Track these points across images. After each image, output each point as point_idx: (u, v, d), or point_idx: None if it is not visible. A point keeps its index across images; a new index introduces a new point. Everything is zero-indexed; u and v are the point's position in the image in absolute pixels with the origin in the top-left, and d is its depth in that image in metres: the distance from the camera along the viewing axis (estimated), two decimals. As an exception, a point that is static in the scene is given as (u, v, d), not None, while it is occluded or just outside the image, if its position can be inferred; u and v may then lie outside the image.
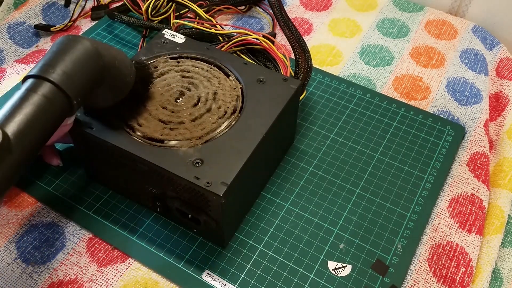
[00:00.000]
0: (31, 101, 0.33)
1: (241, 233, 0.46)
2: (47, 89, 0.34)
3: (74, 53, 0.36)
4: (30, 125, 0.32)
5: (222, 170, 0.39)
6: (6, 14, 0.65)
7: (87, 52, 0.36)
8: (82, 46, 0.36)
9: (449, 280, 0.43)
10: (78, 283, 0.43)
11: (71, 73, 0.35)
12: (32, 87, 0.34)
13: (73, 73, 0.35)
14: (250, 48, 0.57)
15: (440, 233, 0.46)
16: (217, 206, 0.39)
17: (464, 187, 0.50)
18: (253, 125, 0.42)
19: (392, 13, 0.69)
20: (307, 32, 0.66)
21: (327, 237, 0.46)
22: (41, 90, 0.33)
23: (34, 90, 0.33)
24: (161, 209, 0.45)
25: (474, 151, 0.53)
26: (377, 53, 0.63)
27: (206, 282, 0.43)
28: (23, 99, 0.33)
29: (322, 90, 0.58)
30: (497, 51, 0.64)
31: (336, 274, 0.43)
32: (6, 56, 0.62)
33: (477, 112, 0.56)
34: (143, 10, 0.61)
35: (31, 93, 0.33)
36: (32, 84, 0.34)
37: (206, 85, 0.45)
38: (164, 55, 0.49)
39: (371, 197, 0.49)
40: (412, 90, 0.59)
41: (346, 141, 0.53)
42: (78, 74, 0.35)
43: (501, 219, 0.47)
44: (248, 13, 0.69)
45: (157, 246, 0.45)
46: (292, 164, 0.51)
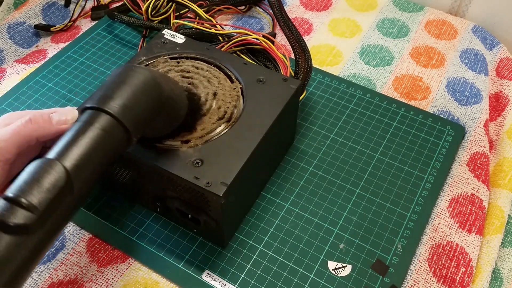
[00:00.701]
0: (89, 135, 0.31)
1: (241, 233, 0.46)
2: (105, 122, 0.31)
3: (134, 84, 0.34)
4: (89, 161, 0.30)
5: (222, 170, 0.39)
6: (6, 14, 0.65)
7: (148, 83, 0.34)
8: (143, 76, 0.34)
9: (449, 280, 0.43)
10: (78, 283, 0.43)
11: (130, 106, 0.33)
12: (89, 119, 0.32)
13: (132, 106, 0.33)
14: (250, 48, 0.57)
15: (440, 233, 0.46)
16: (217, 206, 0.39)
17: (464, 187, 0.50)
18: (253, 125, 0.42)
19: (392, 13, 0.69)
20: (307, 32, 0.66)
21: (327, 237, 0.46)
22: (99, 123, 0.31)
23: (91, 122, 0.31)
24: (161, 209, 0.46)
25: (474, 151, 0.53)
26: (377, 53, 0.63)
27: (206, 282, 0.43)
28: (80, 132, 0.31)
29: (322, 90, 0.58)
30: (497, 51, 0.64)
31: (336, 274, 0.43)
32: (6, 56, 0.62)
33: (477, 112, 0.56)
34: (143, 10, 0.61)
35: (89, 126, 0.31)
36: (89, 116, 0.32)
37: (206, 85, 0.45)
38: (164, 55, 0.49)
39: (371, 197, 0.49)
40: (412, 90, 0.59)
41: (346, 141, 0.53)
42: (137, 106, 0.33)
43: (501, 219, 0.47)
44: (248, 13, 0.69)
45: (157, 246, 0.45)
46: (292, 164, 0.51)
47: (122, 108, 0.32)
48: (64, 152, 0.30)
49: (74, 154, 0.30)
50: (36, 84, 0.58)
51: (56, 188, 0.28)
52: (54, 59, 0.61)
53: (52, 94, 0.57)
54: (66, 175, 0.29)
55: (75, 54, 0.62)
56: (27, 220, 0.27)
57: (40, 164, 0.29)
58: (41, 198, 0.27)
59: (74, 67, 0.60)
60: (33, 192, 0.27)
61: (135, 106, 0.33)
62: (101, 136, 0.31)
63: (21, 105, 0.56)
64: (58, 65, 0.60)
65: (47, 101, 0.56)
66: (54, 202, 0.28)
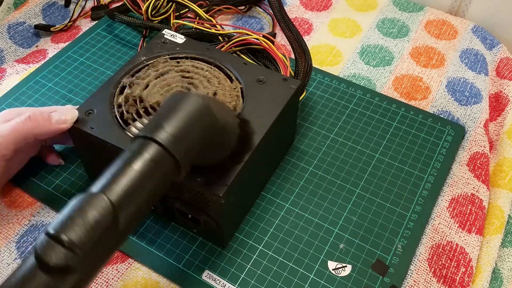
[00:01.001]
0: (137, 166, 0.29)
1: (241, 233, 0.46)
2: (155, 152, 0.30)
3: (187, 112, 0.32)
4: (136, 194, 0.29)
5: (222, 171, 0.39)
6: (6, 14, 0.65)
7: (201, 111, 0.32)
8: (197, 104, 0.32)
9: (449, 280, 0.43)
10: (78, 283, 0.43)
11: (181, 135, 0.31)
12: (139, 149, 0.30)
13: (184, 135, 0.31)
14: (250, 48, 0.57)
15: (440, 233, 0.46)
16: (217, 206, 0.39)
17: (464, 187, 0.50)
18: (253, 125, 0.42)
19: (392, 13, 0.69)
20: (307, 32, 0.66)
21: (327, 237, 0.46)
22: (148, 153, 0.29)
23: (141, 152, 0.30)
24: (161, 209, 0.46)
25: (474, 151, 0.53)
26: (377, 53, 0.63)
27: (206, 282, 0.43)
28: (128, 162, 0.29)
29: (322, 90, 0.58)
30: (497, 51, 0.64)
31: (336, 274, 0.43)
32: (6, 56, 0.62)
33: (477, 112, 0.56)
34: (143, 10, 0.61)
35: (137, 156, 0.29)
36: (139, 146, 0.30)
37: (206, 85, 0.45)
38: (164, 55, 0.48)
39: (371, 197, 0.49)
40: (412, 90, 0.59)
41: (346, 141, 0.53)
42: (189, 136, 0.31)
43: (501, 219, 0.47)
44: (248, 13, 0.69)
45: (157, 246, 0.45)
46: (292, 164, 0.51)
47: (173, 138, 0.30)
48: (110, 185, 0.28)
49: (120, 187, 0.28)
50: (36, 84, 0.58)
51: (101, 226, 0.27)
52: (54, 59, 0.61)
53: (52, 94, 0.57)
54: (112, 211, 0.27)
55: (75, 54, 0.62)
56: (68, 261, 0.25)
57: (85, 198, 0.28)
58: (85, 237, 0.26)
59: (74, 67, 0.60)
60: (76, 230, 0.26)
61: (187, 136, 0.31)
62: (149, 167, 0.29)
63: (21, 105, 0.56)
64: (58, 65, 0.60)
65: (47, 101, 0.56)
66: (98, 242, 0.26)
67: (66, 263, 0.25)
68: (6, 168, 0.44)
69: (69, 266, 0.25)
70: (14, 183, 0.49)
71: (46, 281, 0.25)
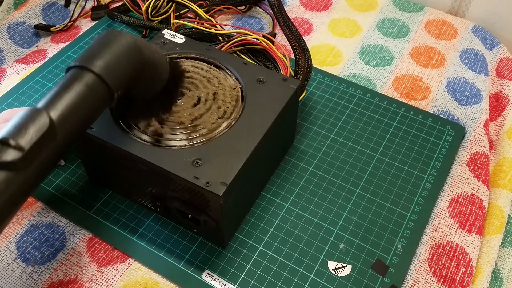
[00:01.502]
0: (74, 90, 0.34)
1: (241, 233, 0.46)
2: (90, 79, 0.34)
3: (117, 47, 0.37)
4: (73, 113, 0.33)
5: (221, 170, 0.39)
6: (6, 14, 0.65)
7: (129, 46, 0.37)
8: (125, 40, 0.37)
9: (449, 280, 0.43)
10: (78, 283, 0.43)
11: (113, 65, 0.36)
12: (75, 76, 0.34)
13: (115, 66, 0.36)
14: (250, 48, 0.57)
15: (440, 233, 0.46)
16: (217, 206, 0.39)
17: (464, 187, 0.50)
18: (253, 125, 0.42)
19: (392, 13, 0.69)
20: (307, 32, 0.66)
21: (327, 237, 0.46)
22: (84, 80, 0.34)
23: (77, 79, 0.34)
24: (161, 209, 0.46)
25: (474, 151, 0.53)
26: (377, 53, 0.63)
27: (206, 282, 0.43)
28: (66, 87, 0.34)
29: (322, 90, 0.58)
30: (497, 51, 0.64)
31: (336, 274, 0.43)
32: (6, 56, 0.62)
33: (477, 112, 0.56)
34: (143, 10, 0.61)
35: (74, 82, 0.34)
36: (75, 74, 0.35)
37: (206, 85, 0.45)
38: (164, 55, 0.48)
39: (371, 197, 0.49)
40: (412, 90, 0.59)
41: (346, 141, 0.53)
42: (120, 66, 0.36)
43: (501, 219, 0.47)
44: (248, 13, 0.69)
45: (157, 246, 0.45)
46: (292, 164, 0.51)
47: (104, 67, 0.35)
48: (50, 103, 0.33)
49: (59, 105, 0.33)
50: (36, 84, 0.58)
51: (40, 132, 0.31)
52: (54, 59, 0.61)
53: (52, 94, 0.57)
54: (49, 122, 0.32)
55: (75, 54, 0.62)
56: (14, 157, 0.30)
57: (28, 112, 0.32)
58: (27, 140, 0.31)
59: (74, 67, 0.60)
60: (20, 135, 0.31)
61: (117, 65, 0.36)
62: (84, 91, 0.34)
63: (21, 105, 0.56)
64: (58, 65, 0.60)
65: (47, 101, 0.56)
66: (38, 144, 0.31)
67: (13, 159, 0.30)
68: None
69: (15, 162, 0.30)
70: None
71: None
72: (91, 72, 0.35)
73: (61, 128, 0.33)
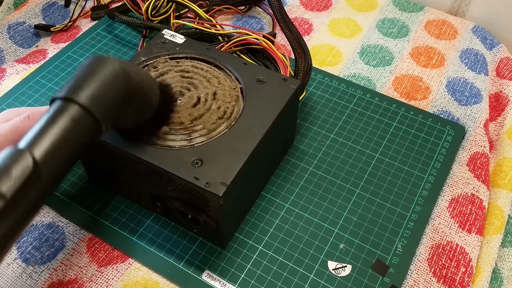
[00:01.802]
0: (59, 125, 0.31)
1: (241, 233, 0.46)
2: (75, 112, 0.32)
3: (103, 75, 0.34)
4: (58, 151, 0.31)
5: (221, 170, 0.39)
6: (6, 14, 0.65)
7: (116, 73, 0.35)
8: (112, 67, 0.35)
9: (449, 280, 0.43)
10: (78, 283, 0.43)
11: (99, 95, 0.33)
12: (59, 109, 0.32)
13: (102, 95, 0.33)
14: (250, 48, 0.57)
15: (440, 233, 0.46)
16: (216, 206, 0.39)
17: (464, 187, 0.50)
18: (253, 125, 0.42)
19: (392, 13, 0.69)
20: (307, 32, 0.66)
21: (327, 237, 0.46)
22: (69, 113, 0.32)
23: (61, 112, 0.32)
24: (161, 209, 0.46)
25: (474, 151, 0.53)
26: (377, 53, 0.63)
27: (206, 282, 0.43)
28: (50, 122, 0.32)
29: (322, 90, 0.58)
30: (497, 51, 0.64)
31: (336, 274, 0.43)
32: (6, 56, 0.62)
33: (477, 112, 0.56)
34: (143, 10, 0.61)
35: (58, 115, 0.32)
36: (59, 107, 0.32)
37: (206, 85, 0.45)
38: (163, 55, 0.49)
39: (371, 197, 0.49)
40: (412, 90, 0.59)
41: (346, 141, 0.53)
42: (107, 96, 0.34)
43: (501, 219, 0.47)
44: (248, 13, 0.69)
45: (157, 246, 0.45)
46: (292, 164, 0.51)
47: (91, 97, 0.33)
48: (33, 141, 0.31)
49: (43, 143, 0.31)
50: (36, 84, 0.58)
51: (23, 176, 0.29)
52: (54, 59, 0.61)
53: (52, 94, 0.57)
54: (33, 164, 0.29)
55: (75, 54, 0.62)
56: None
57: (9, 153, 0.30)
58: (9, 186, 0.28)
59: (74, 67, 0.60)
60: (1, 181, 0.28)
61: (104, 95, 0.34)
62: (70, 126, 0.32)
63: (21, 105, 0.56)
64: (58, 65, 0.60)
65: (47, 101, 0.56)
66: (21, 190, 0.29)
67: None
68: None
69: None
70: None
71: None
72: (77, 103, 0.32)
73: (46, 168, 0.30)
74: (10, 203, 0.28)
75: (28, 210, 0.30)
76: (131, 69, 0.36)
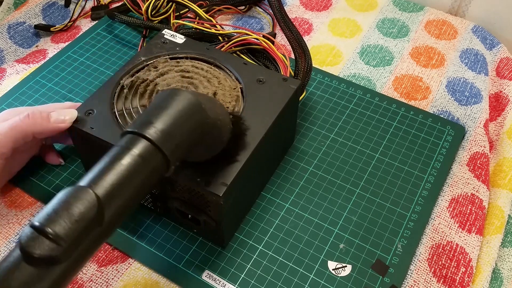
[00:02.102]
0: (125, 161, 0.29)
1: (241, 233, 0.46)
2: (144, 148, 0.30)
3: (177, 109, 0.32)
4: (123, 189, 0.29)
5: (222, 170, 0.39)
6: (6, 14, 0.65)
7: (193, 108, 0.33)
8: (188, 101, 0.33)
9: (449, 280, 0.43)
10: (78, 283, 0.43)
11: (171, 131, 0.31)
12: (127, 144, 0.30)
13: (173, 132, 0.31)
14: (250, 48, 0.57)
15: (440, 233, 0.46)
16: (217, 207, 0.39)
17: (464, 187, 0.50)
18: (253, 125, 0.42)
19: (392, 13, 0.69)
20: (307, 32, 0.66)
21: (327, 237, 0.46)
22: (137, 149, 0.30)
23: (129, 148, 0.30)
24: (161, 209, 0.46)
25: (474, 151, 0.53)
26: (377, 53, 0.63)
27: (206, 282, 0.43)
28: (116, 158, 0.29)
29: (322, 90, 0.58)
30: (497, 51, 0.64)
31: (336, 274, 0.43)
32: (6, 56, 0.62)
33: (477, 112, 0.56)
34: (143, 10, 0.61)
35: (125, 151, 0.29)
36: (128, 141, 0.30)
37: (206, 85, 0.45)
38: (164, 55, 0.49)
39: (371, 197, 0.49)
40: (412, 90, 0.59)
41: (346, 141, 0.53)
42: (179, 133, 0.31)
43: (501, 219, 0.47)
44: (248, 13, 0.69)
45: (157, 246, 0.45)
46: (292, 164, 0.51)
47: (162, 134, 0.30)
48: (97, 179, 0.28)
49: (107, 181, 0.28)
50: (36, 84, 0.58)
51: (85, 219, 0.26)
52: (54, 59, 0.61)
53: (52, 94, 0.57)
54: (97, 205, 0.27)
55: (75, 54, 0.62)
56: (52, 252, 0.25)
57: (71, 192, 0.27)
58: (69, 230, 0.26)
59: (74, 67, 0.60)
60: (61, 222, 0.26)
61: (176, 132, 0.31)
62: (137, 163, 0.29)
63: (21, 105, 0.56)
64: (58, 65, 0.60)
65: (47, 101, 0.56)
66: (82, 234, 0.26)
67: (50, 254, 0.25)
68: (6, 167, 0.44)
69: (53, 257, 0.25)
70: (14, 183, 0.49)
71: (31, 272, 0.25)
72: (146, 139, 0.30)
73: (109, 210, 0.27)
74: (69, 248, 0.26)
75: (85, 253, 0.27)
76: (208, 104, 0.34)
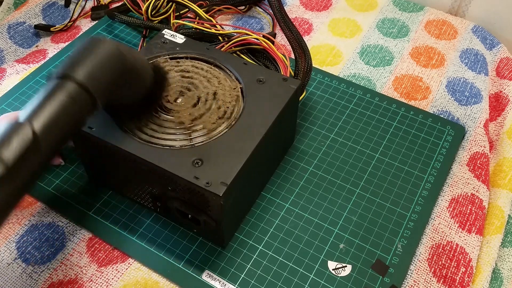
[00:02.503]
0: (57, 100, 0.33)
1: (241, 233, 0.46)
2: (72, 89, 0.34)
3: (100, 54, 0.36)
4: (56, 125, 0.33)
5: (222, 170, 0.39)
6: (6, 14, 0.65)
7: (112, 53, 0.37)
8: (108, 47, 0.37)
9: (449, 280, 0.43)
10: (78, 283, 0.43)
11: (96, 74, 0.35)
12: (57, 86, 0.34)
13: (98, 74, 0.35)
14: (250, 48, 0.57)
15: (440, 233, 0.46)
16: (217, 206, 0.39)
17: (464, 187, 0.50)
18: (253, 125, 0.42)
19: (392, 13, 0.69)
20: (307, 32, 0.66)
21: (327, 237, 0.46)
22: (67, 89, 0.34)
23: (59, 89, 0.34)
24: (161, 209, 0.46)
25: (474, 151, 0.53)
26: (377, 53, 0.63)
27: (206, 282, 0.43)
28: (48, 98, 0.33)
29: (322, 90, 0.58)
30: (497, 51, 0.64)
31: (336, 274, 0.43)
32: (6, 56, 0.62)
33: (477, 112, 0.56)
34: (143, 10, 0.61)
35: (56, 92, 0.34)
36: (57, 84, 0.34)
37: (206, 85, 0.45)
38: (164, 55, 0.49)
39: (371, 197, 0.49)
40: (412, 90, 0.59)
41: (346, 141, 0.53)
42: (102, 74, 0.36)
43: (501, 219, 0.47)
44: (248, 13, 0.69)
45: (157, 246, 0.45)
46: (292, 164, 0.51)
47: (87, 75, 0.35)
48: (33, 115, 0.33)
49: (41, 117, 0.33)
50: (36, 84, 0.58)
51: (23, 146, 0.31)
52: (54, 59, 0.61)
53: (52, 94, 0.57)
54: (33, 135, 0.32)
55: (75, 54, 0.62)
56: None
57: (11, 126, 0.32)
58: (10, 154, 0.31)
59: (74, 67, 0.60)
60: (2, 149, 0.31)
61: (100, 73, 0.35)
62: (67, 101, 0.34)
63: (21, 105, 0.56)
64: (58, 65, 0.60)
65: (47, 101, 0.56)
66: (21, 158, 0.31)
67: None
68: None
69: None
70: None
71: None
72: (74, 81, 0.34)
73: (44, 140, 0.32)
74: (11, 170, 0.30)
75: (28, 178, 0.32)
76: (125, 50, 0.38)
